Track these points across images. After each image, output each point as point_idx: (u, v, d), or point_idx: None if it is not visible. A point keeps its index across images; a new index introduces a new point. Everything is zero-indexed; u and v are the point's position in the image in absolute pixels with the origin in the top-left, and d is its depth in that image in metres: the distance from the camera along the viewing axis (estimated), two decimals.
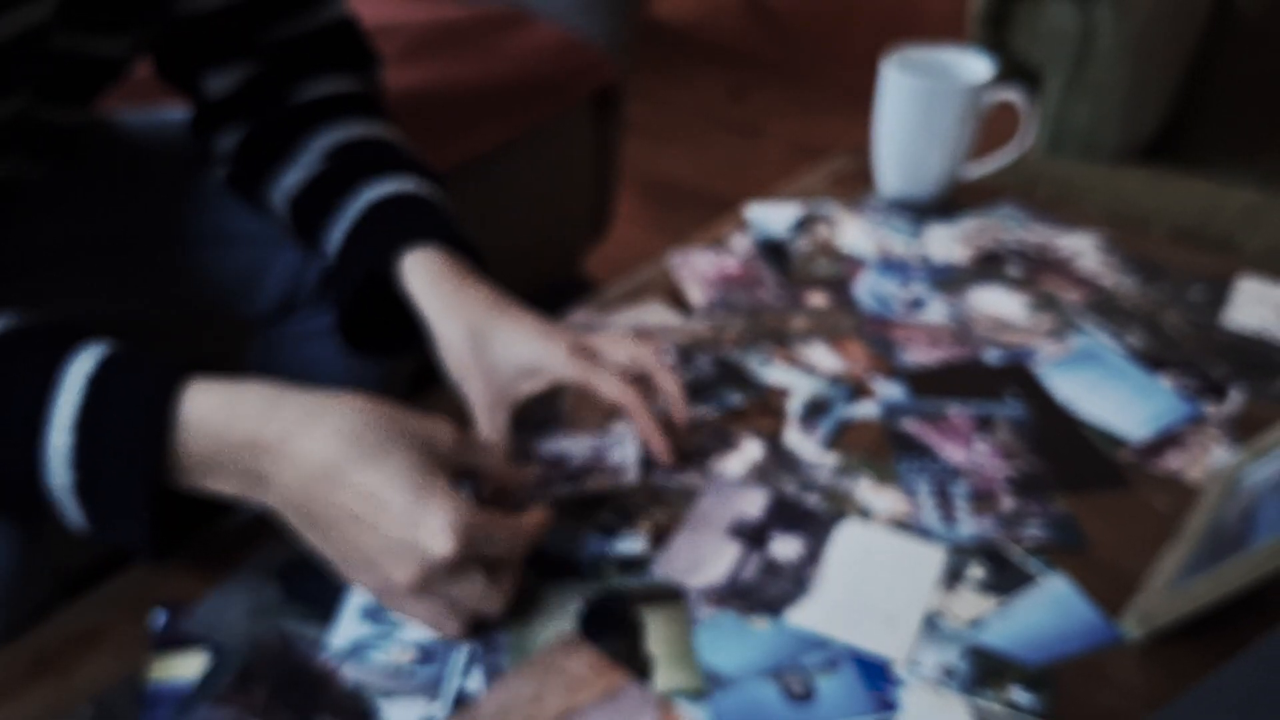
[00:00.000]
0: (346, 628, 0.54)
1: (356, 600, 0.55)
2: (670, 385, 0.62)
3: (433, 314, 0.62)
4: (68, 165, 0.76)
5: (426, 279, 0.63)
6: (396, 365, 0.85)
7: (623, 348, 0.62)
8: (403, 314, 0.66)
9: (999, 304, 0.79)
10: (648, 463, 0.63)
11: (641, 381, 0.62)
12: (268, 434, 0.49)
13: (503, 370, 0.61)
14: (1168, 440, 0.67)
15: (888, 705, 0.50)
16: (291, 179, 0.70)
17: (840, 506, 0.61)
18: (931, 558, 0.58)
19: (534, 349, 0.61)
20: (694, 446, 0.65)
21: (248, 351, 0.83)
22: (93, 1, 0.62)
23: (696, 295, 0.79)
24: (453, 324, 0.62)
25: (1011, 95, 0.87)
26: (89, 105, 0.72)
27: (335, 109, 0.71)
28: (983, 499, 0.62)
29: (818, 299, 0.79)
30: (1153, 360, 0.73)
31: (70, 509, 0.50)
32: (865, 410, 0.68)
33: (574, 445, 0.65)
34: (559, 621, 0.54)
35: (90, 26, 0.64)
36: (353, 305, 0.66)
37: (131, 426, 0.49)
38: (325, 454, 0.49)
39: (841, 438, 0.66)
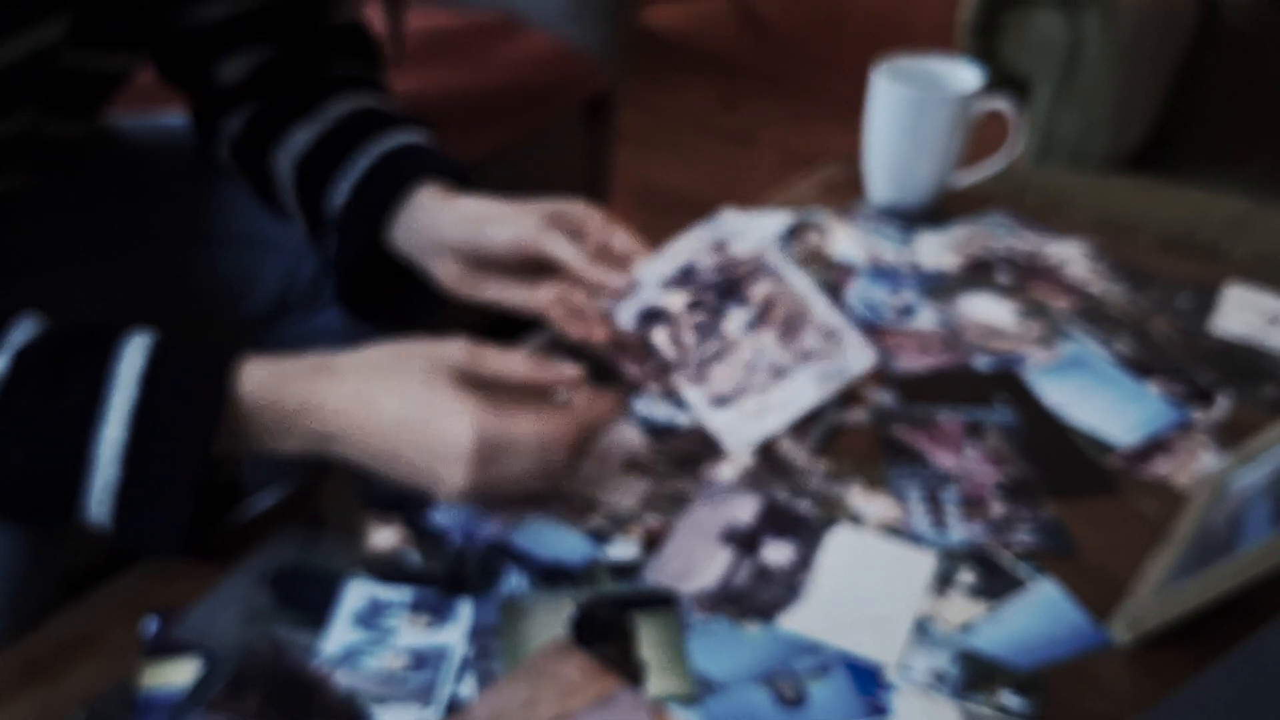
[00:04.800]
0: (339, 634, 0.54)
1: (349, 606, 0.55)
2: (621, 237, 0.64)
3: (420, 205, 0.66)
4: (65, 171, 0.76)
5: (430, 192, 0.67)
6: None
7: (578, 210, 0.65)
8: (403, 282, 0.68)
9: (988, 311, 0.79)
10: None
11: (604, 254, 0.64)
12: (314, 395, 0.53)
13: (470, 230, 0.64)
14: (1156, 446, 0.67)
15: (879, 710, 0.51)
16: (302, 137, 0.70)
17: (831, 512, 0.61)
18: (922, 563, 0.58)
19: (502, 210, 0.64)
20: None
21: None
22: (103, 20, 0.63)
23: None
24: (441, 211, 0.66)
25: (1000, 104, 0.88)
26: (93, 118, 0.73)
27: (354, 85, 0.73)
28: (973, 504, 0.62)
29: None
30: (1141, 367, 0.74)
31: (100, 510, 0.52)
32: (856, 416, 0.69)
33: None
34: (551, 627, 0.54)
35: (100, 44, 0.64)
36: (357, 262, 0.69)
37: (187, 421, 0.52)
38: (357, 399, 0.53)
39: (833, 444, 0.66)
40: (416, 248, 0.66)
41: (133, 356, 0.52)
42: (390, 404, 0.53)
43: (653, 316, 0.60)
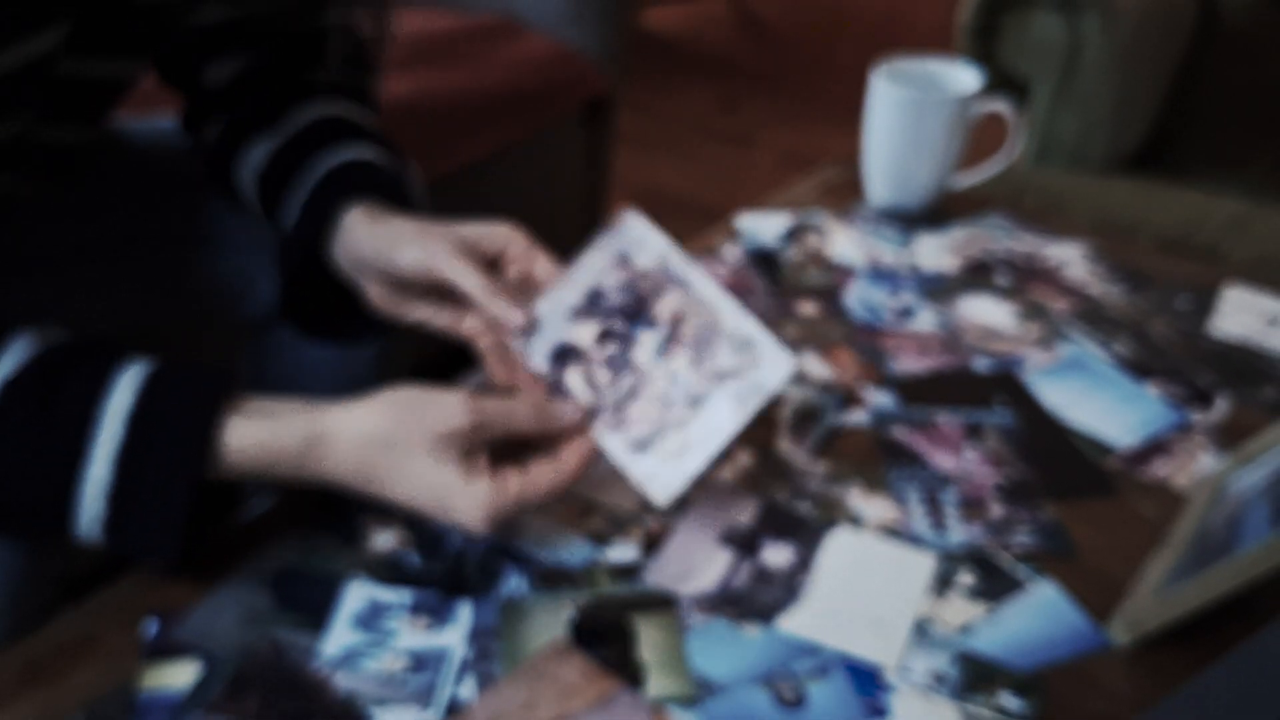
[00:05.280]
0: (339, 636, 0.54)
1: (349, 608, 0.55)
2: (542, 264, 0.61)
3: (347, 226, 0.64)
4: (67, 174, 0.76)
5: (360, 216, 0.64)
6: (391, 365, 0.86)
7: (499, 234, 0.61)
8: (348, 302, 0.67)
9: (988, 313, 0.79)
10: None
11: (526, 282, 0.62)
12: (309, 464, 0.54)
13: (383, 253, 0.62)
14: (1155, 448, 0.67)
15: (878, 711, 0.51)
16: (262, 149, 0.70)
17: (831, 514, 0.61)
18: (921, 565, 0.58)
19: (416, 234, 0.61)
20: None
21: (242, 355, 0.83)
22: (100, 30, 0.62)
23: None
24: (362, 228, 0.64)
25: (999, 106, 0.88)
26: (94, 124, 0.73)
27: (327, 91, 0.72)
28: (972, 506, 0.62)
29: (808, 308, 0.80)
30: (1140, 368, 0.74)
31: (90, 536, 0.52)
32: (855, 418, 0.69)
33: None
34: (551, 628, 0.54)
35: (100, 51, 0.64)
36: (301, 280, 0.68)
37: (171, 465, 0.51)
38: (358, 471, 0.54)
39: (832, 446, 0.66)
40: (348, 268, 0.65)
41: (122, 393, 0.51)
42: (397, 488, 0.54)
43: (565, 355, 0.59)
